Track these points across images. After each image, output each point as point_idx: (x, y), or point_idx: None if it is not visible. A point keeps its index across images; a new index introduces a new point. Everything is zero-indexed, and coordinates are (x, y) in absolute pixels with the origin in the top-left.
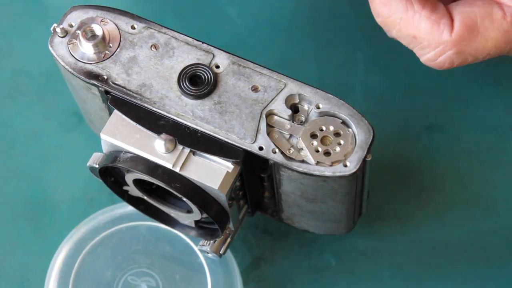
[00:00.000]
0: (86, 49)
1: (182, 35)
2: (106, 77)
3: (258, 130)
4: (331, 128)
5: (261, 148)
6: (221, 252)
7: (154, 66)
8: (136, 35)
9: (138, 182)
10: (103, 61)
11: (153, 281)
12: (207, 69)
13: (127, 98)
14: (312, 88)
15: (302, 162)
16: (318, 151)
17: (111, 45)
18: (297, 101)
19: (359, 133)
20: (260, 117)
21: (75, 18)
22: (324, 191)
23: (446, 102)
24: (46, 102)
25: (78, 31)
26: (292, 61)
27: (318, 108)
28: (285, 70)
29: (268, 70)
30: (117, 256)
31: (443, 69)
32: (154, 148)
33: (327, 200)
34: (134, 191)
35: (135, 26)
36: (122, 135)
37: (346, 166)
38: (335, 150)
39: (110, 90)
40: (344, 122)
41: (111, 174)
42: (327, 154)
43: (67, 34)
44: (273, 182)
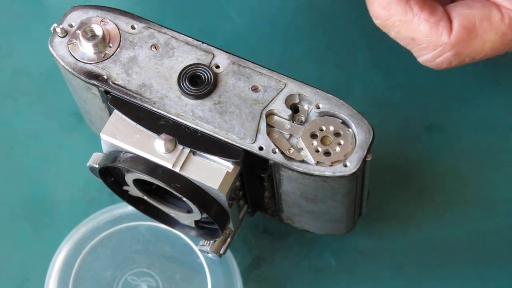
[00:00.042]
0: (86, 49)
1: (182, 35)
2: (106, 77)
3: (258, 130)
4: (331, 128)
5: (261, 148)
6: (221, 252)
7: (154, 66)
8: (136, 35)
9: (138, 182)
10: (103, 61)
11: (153, 281)
12: (207, 69)
13: (127, 98)
14: (312, 88)
15: (302, 162)
16: (318, 151)
17: (111, 45)
18: (297, 101)
19: (359, 133)
20: (260, 117)
21: (75, 18)
22: (324, 191)
23: (446, 102)
24: (46, 102)
25: (78, 31)
26: (292, 61)
27: (318, 108)
28: (285, 70)
29: (268, 70)
30: (117, 256)
31: (441, 69)
32: (154, 148)
33: (327, 200)
34: (134, 191)
35: (135, 26)
36: (122, 135)
37: (346, 166)
38: (335, 150)
39: (110, 90)
40: (344, 122)
41: (111, 174)
42: (327, 154)
43: (67, 34)
44: (273, 182)
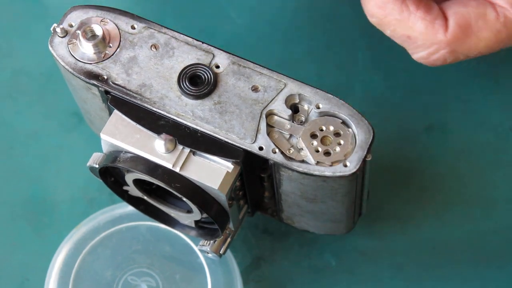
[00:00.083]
0: (86, 49)
1: (182, 35)
2: (106, 77)
3: (258, 130)
4: (331, 128)
5: (261, 148)
6: (221, 252)
7: (154, 66)
8: (136, 35)
9: (138, 182)
10: (103, 61)
11: (153, 281)
12: (207, 69)
13: (127, 98)
14: (312, 88)
15: (302, 162)
16: (318, 151)
17: (111, 45)
18: (297, 101)
19: (359, 133)
20: (260, 117)
21: (75, 18)
22: (324, 191)
23: (446, 102)
24: (46, 102)
25: (78, 31)
26: (292, 61)
27: (318, 108)
28: (285, 70)
29: (268, 70)
30: (117, 256)
31: (435, 66)
32: (154, 148)
33: (327, 200)
34: (134, 191)
35: (135, 26)
36: (122, 135)
37: (346, 166)
38: (335, 150)
39: (110, 90)
40: (344, 122)
41: (111, 174)
42: (327, 154)
43: (67, 34)
44: (273, 182)
